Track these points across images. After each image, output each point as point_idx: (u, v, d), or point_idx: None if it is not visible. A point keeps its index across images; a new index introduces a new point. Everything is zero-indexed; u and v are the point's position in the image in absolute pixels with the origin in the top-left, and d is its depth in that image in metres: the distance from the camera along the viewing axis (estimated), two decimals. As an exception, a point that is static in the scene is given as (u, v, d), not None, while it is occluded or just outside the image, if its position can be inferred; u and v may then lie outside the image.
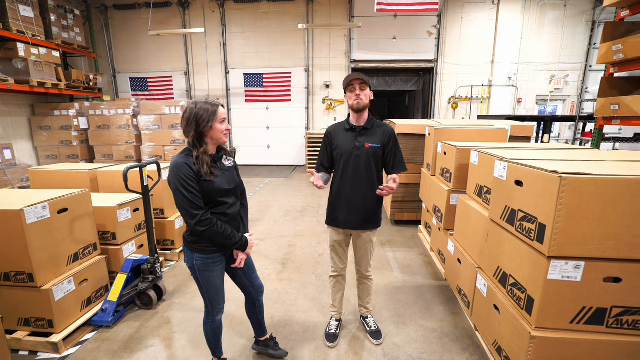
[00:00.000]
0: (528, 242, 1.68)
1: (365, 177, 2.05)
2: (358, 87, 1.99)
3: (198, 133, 1.60)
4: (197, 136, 1.60)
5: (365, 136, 2.07)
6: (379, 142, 2.07)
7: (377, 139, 2.07)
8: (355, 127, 2.10)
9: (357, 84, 1.99)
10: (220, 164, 1.73)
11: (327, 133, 2.18)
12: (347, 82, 2.01)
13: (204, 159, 1.60)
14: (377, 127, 2.11)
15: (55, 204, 2.23)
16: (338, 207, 2.14)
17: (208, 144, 1.65)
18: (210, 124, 1.59)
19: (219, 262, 1.73)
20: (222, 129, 1.64)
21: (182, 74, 9.62)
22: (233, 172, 1.79)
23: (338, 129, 2.16)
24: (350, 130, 2.10)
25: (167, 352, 2.22)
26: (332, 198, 2.18)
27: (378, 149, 2.07)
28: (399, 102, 13.95)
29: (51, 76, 7.12)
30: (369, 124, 2.09)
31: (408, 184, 4.52)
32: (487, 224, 2.16)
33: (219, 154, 1.75)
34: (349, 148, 2.06)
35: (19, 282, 2.14)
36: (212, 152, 1.71)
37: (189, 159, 1.58)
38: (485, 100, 8.99)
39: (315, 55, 9.29)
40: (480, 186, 2.47)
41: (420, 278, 3.21)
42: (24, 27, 6.70)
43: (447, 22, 8.70)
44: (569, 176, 1.44)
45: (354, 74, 1.99)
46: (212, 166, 1.64)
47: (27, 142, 7.75)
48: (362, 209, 2.10)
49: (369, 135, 2.08)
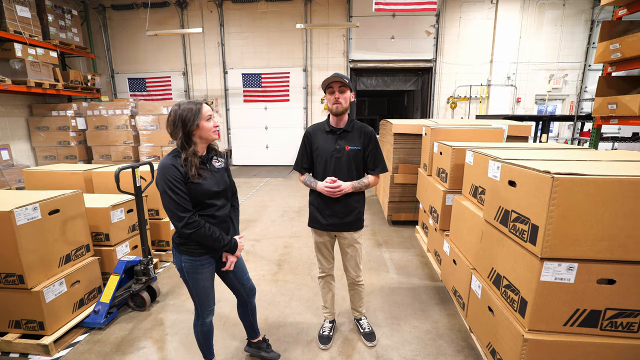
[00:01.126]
0: (521, 243, 1.66)
1: (347, 179, 2.03)
2: (337, 90, 1.94)
3: (185, 134, 1.58)
4: (185, 137, 1.58)
5: (346, 139, 2.04)
6: (359, 144, 2.04)
7: (357, 141, 2.04)
8: (335, 129, 2.06)
9: (337, 86, 1.94)
10: (210, 165, 1.71)
11: (306, 134, 2.14)
12: (326, 84, 1.95)
13: (193, 160, 1.58)
14: (357, 128, 2.08)
15: (46, 205, 2.22)
16: (319, 209, 2.11)
17: (197, 144, 1.63)
18: (197, 122, 1.57)
19: (207, 265, 1.71)
20: (209, 126, 1.61)
21: (180, 74, 9.61)
22: (223, 173, 1.77)
23: (317, 130, 2.12)
24: (330, 132, 2.07)
25: (159, 355, 2.20)
26: (312, 200, 2.15)
27: (358, 151, 2.04)
28: (398, 102, 13.93)
29: (49, 76, 7.11)
30: (349, 125, 2.06)
31: (405, 184, 4.50)
32: (482, 225, 2.14)
33: (209, 154, 1.73)
34: (329, 150, 2.03)
35: (9, 284, 2.13)
36: (202, 153, 1.69)
37: (176, 161, 1.56)
38: (484, 100, 8.97)
39: (314, 55, 9.27)
40: (475, 186, 2.45)
41: (416, 279, 3.19)
42: (21, 28, 6.69)
43: (446, 21, 8.68)
44: (561, 176, 1.42)
45: (333, 75, 1.92)
46: (200, 168, 1.63)
47: (25, 142, 7.73)
48: (343, 211, 2.07)
49: (349, 138, 2.05)
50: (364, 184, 2.06)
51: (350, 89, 1.99)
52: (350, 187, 2.01)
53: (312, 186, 2.09)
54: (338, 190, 1.98)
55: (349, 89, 1.99)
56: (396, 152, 4.41)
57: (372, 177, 2.10)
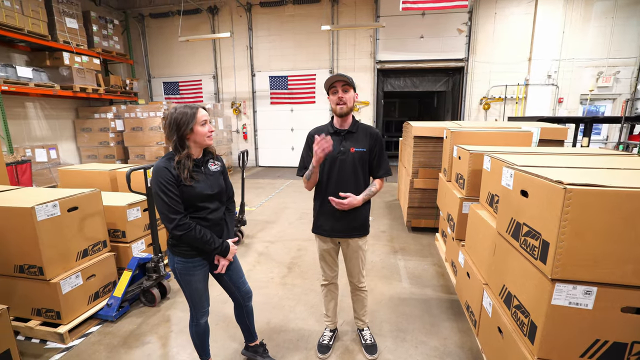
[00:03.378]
0: (532, 260, 1.49)
1: (351, 182, 1.95)
2: (341, 90, 1.88)
3: (179, 137, 1.60)
4: (179, 140, 1.60)
5: (351, 140, 1.97)
6: (365, 145, 1.96)
7: (362, 143, 1.96)
8: (339, 130, 1.99)
9: (340, 86, 1.87)
10: (205, 168, 1.72)
11: (309, 136, 2.08)
12: (329, 84, 1.89)
13: (186, 163, 1.59)
14: (363, 130, 2.00)
15: (65, 203, 2.36)
16: (323, 214, 2.05)
17: (191, 148, 1.64)
18: (191, 126, 1.59)
19: (199, 267, 1.72)
20: (203, 131, 1.62)
21: (210, 78, 9.97)
22: (219, 177, 1.77)
23: (321, 132, 2.06)
24: (334, 134, 2.00)
25: (162, 351, 2.26)
26: (317, 205, 2.10)
27: (364, 153, 1.96)
28: (429, 103, 13.47)
29: (92, 82, 7.68)
30: (354, 127, 1.99)
31: (425, 189, 4.30)
32: (495, 237, 1.97)
33: (205, 158, 1.74)
34: (334, 153, 1.97)
35: (32, 275, 2.29)
36: (197, 156, 1.70)
37: (170, 163, 1.58)
38: (521, 101, 8.39)
39: (340, 57, 9.21)
40: (492, 195, 2.26)
41: (429, 290, 3.02)
42: (69, 38, 7.29)
43: (479, 18, 8.24)
44: (575, 187, 1.25)
45: (336, 75, 1.87)
46: (194, 171, 1.64)
47: (71, 143, 8.41)
48: (348, 216, 2.00)
49: (354, 139, 1.97)
50: (372, 192, 2.00)
51: (353, 88, 1.93)
52: (362, 200, 1.96)
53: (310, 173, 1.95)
54: (349, 205, 1.92)
55: (353, 89, 1.92)
56: (416, 156, 4.23)
57: (378, 183, 2.03)
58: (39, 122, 7.61)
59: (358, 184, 1.97)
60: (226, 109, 9.99)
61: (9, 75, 6.30)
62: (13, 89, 6.25)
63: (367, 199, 1.98)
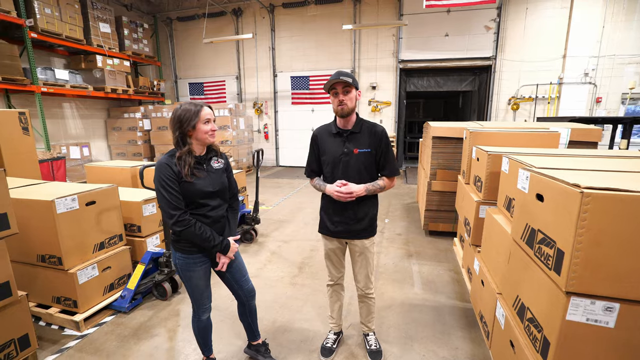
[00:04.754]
0: (546, 270, 1.37)
1: (356, 184, 1.89)
2: (341, 91, 1.82)
3: (181, 133, 1.61)
4: (181, 137, 1.62)
5: (354, 141, 1.90)
6: (369, 145, 1.89)
7: (367, 143, 1.89)
8: (342, 131, 1.93)
9: (340, 87, 1.81)
10: (207, 165, 1.72)
11: (312, 137, 2.05)
12: (329, 86, 1.83)
13: (187, 159, 1.61)
14: (367, 129, 1.92)
15: (83, 197, 2.47)
16: (328, 215, 2.01)
17: (192, 144, 1.66)
18: (193, 123, 1.60)
19: (200, 263, 1.73)
20: (205, 129, 1.63)
21: (233, 78, 10.18)
22: (221, 174, 1.77)
23: (324, 133, 2.01)
24: (337, 134, 1.94)
25: (168, 344, 2.30)
26: (322, 205, 2.06)
27: (368, 154, 1.89)
28: (454, 103, 13.03)
29: (122, 83, 8.06)
30: (357, 126, 1.91)
31: (444, 192, 4.14)
32: (510, 244, 1.84)
33: (208, 155, 1.75)
34: (337, 154, 1.92)
35: (52, 264, 2.41)
36: (200, 153, 1.71)
37: (171, 160, 1.60)
38: (554, 101, 7.91)
39: (362, 57, 9.11)
40: (509, 198, 2.12)
41: (443, 297, 2.89)
42: (102, 41, 7.68)
43: (509, 14, 7.86)
44: (594, 192, 1.13)
45: (336, 74, 1.80)
46: (196, 167, 1.65)
47: (103, 141, 8.88)
48: (353, 217, 1.94)
49: (357, 140, 1.90)
50: (378, 186, 1.92)
51: (355, 87, 1.86)
52: (364, 190, 1.88)
53: (322, 189, 1.99)
54: (349, 194, 1.86)
55: (354, 88, 1.86)
56: (434, 157, 4.08)
57: (386, 180, 1.95)
58: (74, 122, 8.09)
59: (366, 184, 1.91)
60: (248, 109, 10.17)
61: (48, 77, 6.75)
62: (51, 90, 6.69)
63: (372, 191, 1.89)
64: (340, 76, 1.79)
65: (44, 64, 7.20)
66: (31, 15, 6.28)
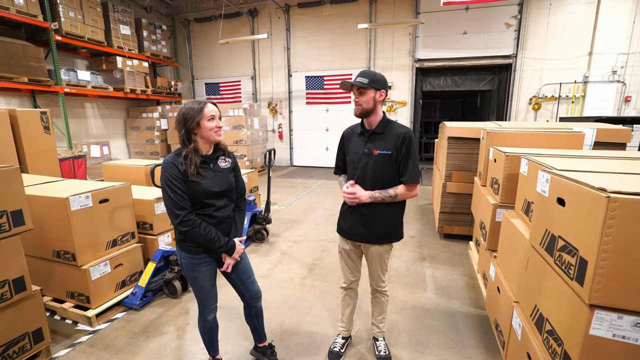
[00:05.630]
0: (567, 280, 1.28)
1: (372, 188, 1.83)
2: (357, 92, 1.80)
3: (186, 131, 1.60)
4: (186, 135, 1.61)
5: (375, 142, 1.84)
6: (390, 148, 1.81)
7: (387, 145, 1.82)
8: (365, 131, 1.89)
9: (355, 89, 1.80)
10: (214, 164, 1.71)
11: (342, 135, 2.03)
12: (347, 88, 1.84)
13: (193, 158, 1.59)
14: (390, 130, 1.85)
15: (97, 195, 2.51)
16: (346, 216, 1.97)
17: (198, 143, 1.64)
18: (197, 120, 1.58)
19: (205, 264, 1.72)
20: (210, 126, 1.61)
21: (249, 78, 10.27)
22: (228, 174, 1.75)
23: (352, 132, 1.98)
24: (361, 134, 1.90)
25: (176, 343, 2.31)
26: (343, 205, 2.02)
27: (389, 157, 1.81)
28: (472, 103, 12.69)
29: (141, 84, 8.26)
30: (381, 127, 1.85)
31: (459, 194, 4.01)
32: (528, 250, 1.74)
33: (215, 154, 1.73)
34: (358, 154, 1.87)
35: (66, 260, 2.46)
36: (207, 152, 1.70)
37: (177, 159, 1.59)
38: (578, 100, 7.56)
39: (377, 56, 9.00)
40: (528, 202, 2.02)
41: (457, 303, 2.78)
42: (122, 43, 7.89)
43: (531, 10, 7.57)
44: (621, 197, 1.04)
45: (359, 73, 1.79)
46: (202, 167, 1.63)
47: (122, 140, 9.12)
48: (371, 222, 1.88)
49: (379, 141, 1.84)
50: (388, 194, 1.80)
51: (375, 88, 1.80)
52: (368, 197, 1.81)
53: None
54: (354, 197, 1.81)
55: (373, 89, 1.80)
56: (450, 158, 3.96)
57: (403, 188, 1.83)
58: (95, 121, 8.35)
59: (382, 189, 1.84)
60: (263, 109, 10.22)
61: (71, 78, 6.99)
62: (74, 91, 6.92)
63: (380, 199, 1.81)
64: (357, 78, 1.77)
65: (67, 65, 7.46)
66: (56, 19, 6.52)
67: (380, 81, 1.81)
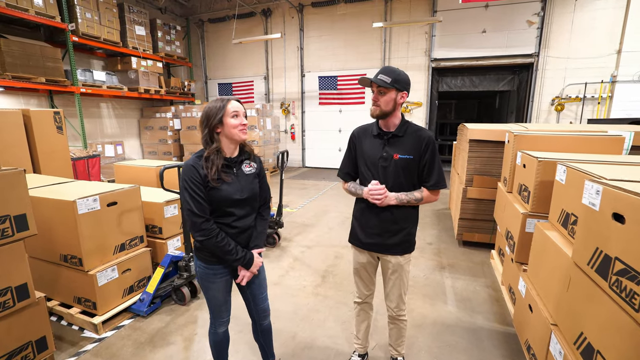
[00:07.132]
0: (628, 310, 1.10)
1: (393, 192, 1.68)
2: (376, 91, 1.65)
3: (209, 130, 1.49)
4: (209, 134, 1.49)
5: (395, 145, 1.69)
6: (412, 152, 1.66)
7: (409, 149, 1.67)
8: (383, 133, 1.73)
9: (374, 87, 1.65)
10: (237, 169, 1.57)
11: (351, 136, 1.86)
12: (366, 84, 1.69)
13: (215, 160, 1.47)
14: (411, 133, 1.70)
15: (105, 198, 2.44)
16: (361, 224, 1.81)
17: (221, 142, 1.52)
18: (219, 117, 1.46)
19: (220, 275, 1.59)
20: (234, 123, 1.48)
21: (262, 79, 10.22)
22: (252, 180, 1.61)
23: (365, 133, 1.82)
24: (377, 136, 1.75)
25: (183, 354, 2.21)
26: (355, 212, 1.87)
27: (410, 161, 1.67)
28: (490, 104, 12.32)
29: (155, 84, 8.29)
30: (401, 129, 1.70)
31: (481, 199, 3.80)
32: (570, 268, 1.55)
33: (240, 157, 1.60)
34: (375, 158, 1.71)
35: (73, 265, 2.40)
36: (231, 155, 1.56)
37: (198, 161, 1.48)
38: (604, 101, 7.19)
39: (392, 56, 8.80)
40: (567, 213, 1.82)
41: (480, 318, 2.60)
42: (137, 44, 7.93)
43: (555, 7, 7.24)
44: None
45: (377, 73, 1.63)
46: (225, 171, 1.50)
47: (136, 140, 9.19)
48: (388, 229, 1.73)
49: (399, 144, 1.69)
50: (414, 197, 1.69)
51: (397, 89, 1.65)
52: (394, 199, 1.67)
53: (358, 193, 1.79)
54: (383, 196, 1.66)
55: (395, 90, 1.64)
56: (471, 162, 3.76)
57: (427, 192, 1.71)
58: (110, 121, 8.43)
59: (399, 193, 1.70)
60: (275, 109, 10.15)
61: (87, 79, 7.05)
62: (90, 91, 6.99)
63: (404, 201, 1.68)
64: (379, 75, 1.61)
65: (84, 65, 7.55)
66: (73, 20, 6.59)
67: (404, 81, 1.65)
